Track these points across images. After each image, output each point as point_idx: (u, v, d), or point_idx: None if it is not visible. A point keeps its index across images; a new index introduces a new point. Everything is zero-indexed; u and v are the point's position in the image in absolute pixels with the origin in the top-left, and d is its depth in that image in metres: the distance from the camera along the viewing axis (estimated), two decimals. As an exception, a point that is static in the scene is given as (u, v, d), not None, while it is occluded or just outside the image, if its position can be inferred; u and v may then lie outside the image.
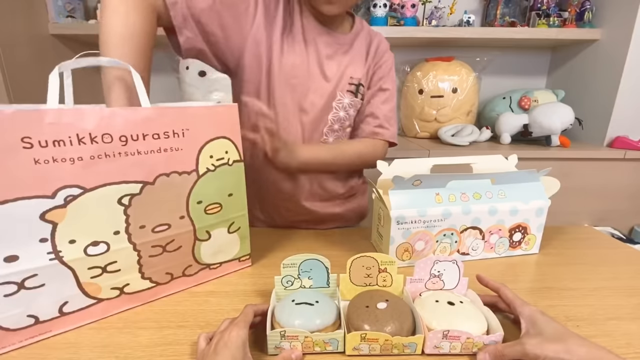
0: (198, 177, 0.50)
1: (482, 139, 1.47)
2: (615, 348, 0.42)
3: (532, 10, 1.48)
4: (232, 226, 0.57)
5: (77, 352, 0.41)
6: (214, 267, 0.57)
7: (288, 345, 0.40)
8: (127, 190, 0.44)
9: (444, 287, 0.48)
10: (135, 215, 0.46)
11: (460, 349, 0.40)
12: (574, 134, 1.46)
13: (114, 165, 0.42)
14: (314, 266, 0.47)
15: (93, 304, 0.46)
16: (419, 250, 0.61)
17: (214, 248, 0.55)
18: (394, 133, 0.78)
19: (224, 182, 0.53)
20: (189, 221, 0.51)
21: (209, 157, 0.50)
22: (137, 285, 0.49)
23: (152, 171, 0.46)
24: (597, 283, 0.57)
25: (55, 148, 0.38)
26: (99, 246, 0.44)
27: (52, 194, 0.39)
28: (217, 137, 0.50)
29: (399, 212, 0.58)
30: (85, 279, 0.44)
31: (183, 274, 0.53)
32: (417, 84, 1.50)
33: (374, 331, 0.39)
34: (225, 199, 0.54)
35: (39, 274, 0.41)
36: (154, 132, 0.44)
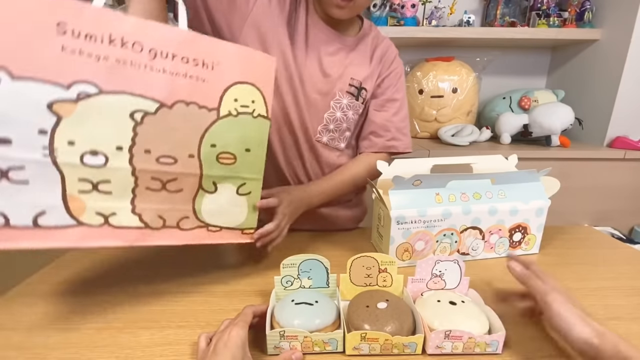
0: (217, 118, 0.47)
1: (482, 139, 1.47)
2: (616, 348, 0.42)
3: (532, 10, 1.48)
4: (242, 187, 0.52)
5: (77, 352, 0.41)
6: (212, 229, 0.51)
7: (287, 345, 0.40)
8: (142, 106, 0.42)
9: (446, 287, 0.48)
10: (143, 136, 0.42)
11: (462, 349, 0.40)
12: (574, 134, 1.46)
13: (137, 75, 0.41)
14: (314, 266, 0.47)
15: (71, 225, 0.41)
16: (419, 250, 0.61)
17: (217, 205, 0.50)
18: (408, 143, 0.78)
19: (243, 133, 0.49)
20: (197, 163, 0.47)
21: (233, 99, 0.47)
22: (124, 219, 0.44)
23: (172, 94, 0.43)
24: (597, 283, 0.57)
25: (86, 41, 0.38)
26: (98, 157, 0.41)
27: (67, 85, 0.38)
28: (246, 81, 0.48)
29: (399, 212, 0.58)
30: (72, 190, 0.40)
31: (177, 226, 0.48)
32: (417, 84, 1.50)
33: (374, 331, 0.39)
34: (241, 152, 0.50)
35: (26, 168, 0.38)
36: (184, 56, 0.43)
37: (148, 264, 0.62)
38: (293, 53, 0.66)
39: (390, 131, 0.75)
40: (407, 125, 0.79)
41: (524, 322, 0.47)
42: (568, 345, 0.37)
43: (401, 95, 0.77)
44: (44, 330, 0.45)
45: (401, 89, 0.77)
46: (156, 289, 0.54)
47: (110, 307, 0.50)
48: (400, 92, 0.77)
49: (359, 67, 0.71)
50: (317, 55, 0.68)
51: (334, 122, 0.71)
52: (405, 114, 0.78)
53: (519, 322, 0.47)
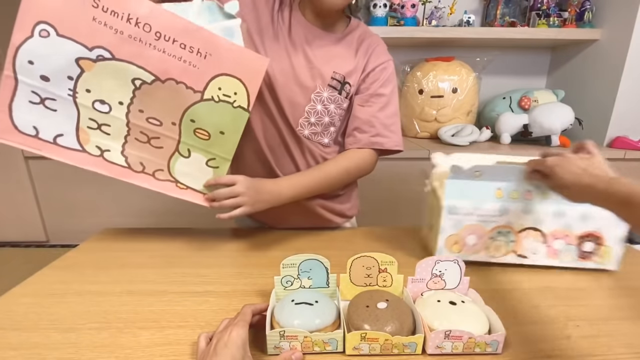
0: (200, 99, 0.56)
1: (482, 139, 1.47)
2: (615, 348, 0.42)
3: (532, 10, 1.49)
4: (211, 161, 0.61)
5: (77, 352, 0.41)
6: (180, 185, 0.62)
7: (287, 345, 0.40)
8: (142, 75, 0.53)
9: (446, 287, 0.48)
10: (139, 98, 0.55)
11: (462, 348, 0.40)
12: (574, 134, 1.47)
13: (142, 50, 0.51)
14: (314, 266, 0.47)
15: (78, 149, 0.56)
16: (470, 245, 0.58)
17: (188, 169, 0.61)
18: (397, 140, 0.74)
19: (220, 118, 0.57)
20: (177, 130, 0.58)
21: (217, 87, 0.55)
22: (114, 156, 0.58)
23: (166, 71, 0.53)
24: (596, 283, 0.57)
25: (110, 16, 0.49)
26: (104, 105, 0.55)
27: (91, 48, 0.50)
28: (233, 75, 0.55)
29: (452, 201, 0.56)
30: (83, 125, 0.55)
31: (152, 175, 0.60)
32: (417, 84, 1.50)
33: (374, 331, 0.39)
34: (215, 133, 0.59)
35: (57, 100, 0.53)
36: (183, 42, 0.52)
37: (148, 264, 0.62)
38: (276, 48, 0.67)
39: (375, 127, 0.72)
40: (396, 123, 0.75)
41: (524, 322, 0.47)
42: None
43: (388, 90, 0.73)
44: (44, 330, 0.45)
45: (388, 85, 0.73)
46: (156, 289, 0.54)
47: (110, 307, 0.50)
48: (387, 88, 0.73)
49: (342, 60, 0.70)
50: (302, 50, 0.68)
51: (315, 115, 0.70)
52: (393, 111, 0.74)
53: (519, 322, 0.47)
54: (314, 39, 0.69)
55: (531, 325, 0.46)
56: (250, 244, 0.70)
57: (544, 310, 0.50)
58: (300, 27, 0.69)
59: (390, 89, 0.74)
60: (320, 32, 0.70)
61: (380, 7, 1.44)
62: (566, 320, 0.47)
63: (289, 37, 0.68)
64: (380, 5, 1.44)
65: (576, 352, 0.42)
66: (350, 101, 0.73)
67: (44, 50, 0.50)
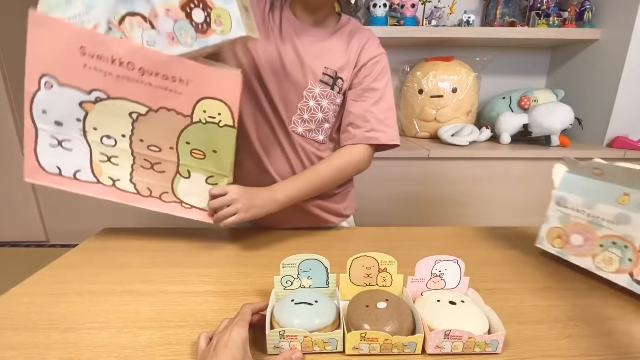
0: (191, 123, 0.59)
1: (482, 139, 1.47)
2: (615, 348, 0.42)
3: (532, 10, 1.49)
4: (210, 179, 0.64)
5: (77, 352, 0.41)
6: (185, 205, 0.65)
7: (287, 345, 0.40)
8: (137, 109, 0.57)
9: (446, 287, 0.48)
10: (139, 129, 0.59)
11: (462, 348, 0.40)
12: (574, 134, 1.47)
13: (132, 87, 0.55)
14: (314, 266, 0.47)
15: (94, 182, 0.63)
16: (574, 245, 0.54)
17: (190, 189, 0.64)
18: (392, 135, 0.73)
19: (211, 138, 0.60)
20: (175, 154, 0.62)
21: (203, 111, 0.58)
22: (124, 185, 0.63)
23: (157, 102, 0.57)
24: (597, 283, 0.57)
25: (98, 61, 0.54)
26: (111, 140, 0.60)
27: (88, 91, 0.56)
28: (213, 97, 0.57)
29: (562, 193, 0.54)
30: (96, 159, 0.62)
31: (160, 198, 0.65)
32: (417, 84, 1.50)
33: (374, 331, 0.39)
34: (209, 152, 0.61)
35: (71, 141, 0.60)
36: (165, 74, 0.55)
37: (148, 264, 0.62)
38: (267, 48, 0.67)
39: (369, 122, 0.71)
40: (391, 117, 0.74)
41: (524, 322, 0.47)
42: None
43: (382, 85, 0.72)
44: (44, 330, 0.45)
45: (382, 79, 0.72)
46: (156, 289, 0.54)
47: (110, 307, 0.50)
48: (380, 82, 0.72)
49: (333, 56, 0.70)
50: (293, 47, 0.68)
51: (308, 112, 0.70)
52: (387, 105, 0.73)
53: (519, 322, 0.47)
54: (304, 36, 0.69)
55: (531, 325, 0.46)
56: (250, 244, 0.70)
57: (544, 311, 0.50)
58: (290, 25, 0.69)
59: (384, 83, 0.73)
60: (310, 29, 0.70)
61: (380, 7, 1.44)
62: (566, 320, 0.47)
63: (280, 35, 0.69)
64: (380, 5, 1.44)
65: (576, 352, 0.42)
66: (344, 97, 0.72)
67: (52, 100, 0.56)
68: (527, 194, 1.36)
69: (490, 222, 1.37)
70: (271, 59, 0.68)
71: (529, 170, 1.33)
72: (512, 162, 1.33)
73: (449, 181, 1.35)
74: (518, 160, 1.33)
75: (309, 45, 0.69)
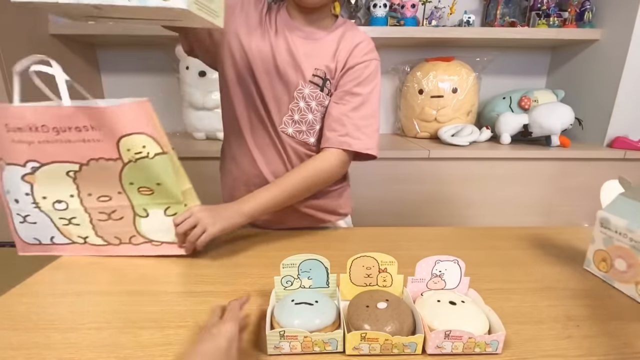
0: (124, 164, 0.57)
1: (482, 139, 1.47)
2: (615, 348, 0.42)
3: (532, 10, 1.48)
4: (168, 210, 0.62)
5: (77, 352, 0.41)
6: (155, 243, 0.64)
7: (287, 345, 0.40)
8: (70, 168, 0.57)
9: (446, 287, 0.48)
10: (82, 185, 0.59)
11: (462, 348, 0.40)
12: (574, 134, 1.46)
13: (55, 148, 0.55)
14: (314, 266, 0.47)
15: (69, 242, 0.63)
16: (618, 270, 0.52)
17: (153, 226, 0.62)
18: (368, 144, 0.70)
19: (148, 173, 0.57)
20: (125, 197, 0.60)
21: (126, 150, 0.55)
22: (94, 240, 0.63)
23: (83, 156, 0.56)
24: (597, 283, 0.57)
25: (20, 133, 0.54)
26: (62, 203, 0.59)
27: (23, 164, 0.56)
28: (130, 133, 0.54)
29: (606, 214, 0.53)
30: (59, 224, 0.61)
31: (129, 242, 0.63)
32: (417, 84, 1.50)
33: (374, 331, 0.39)
34: (154, 186, 0.59)
35: (31, 214, 0.60)
36: (76, 126, 0.53)
37: (148, 264, 0.62)
38: (261, 48, 0.68)
39: (345, 126, 0.68)
40: (371, 125, 0.71)
41: (524, 322, 0.47)
42: None
43: (366, 91, 0.69)
44: (44, 330, 0.45)
45: (366, 85, 0.70)
46: (156, 289, 0.54)
47: (110, 307, 0.50)
48: (364, 88, 0.69)
49: (324, 57, 0.69)
50: (286, 48, 0.68)
51: (298, 112, 0.70)
52: (368, 112, 0.70)
53: (519, 322, 0.47)
54: (297, 35, 0.69)
55: (531, 325, 0.46)
56: (250, 244, 0.70)
57: (544, 311, 0.50)
58: (285, 26, 0.69)
59: (368, 89, 0.70)
60: (304, 28, 0.70)
61: (380, 7, 1.44)
62: (566, 320, 0.47)
63: (275, 34, 0.69)
64: (380, 5, 1.44)
65: (576, 352, 0.42)
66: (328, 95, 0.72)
67: (7, 179, 0.58)
68: (527, 194, 1.36)
69: (490, 222, 1.37)
70: (264, 57, 0.68)
71: (529, 170, 1.33)
72: (512, 162, 1.33)
73: (449, 181, 1.34)
74: (518, 160, 1.33)
75: (301, 45, 0.69)
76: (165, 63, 1.53)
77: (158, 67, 1.60)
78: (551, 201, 1.37)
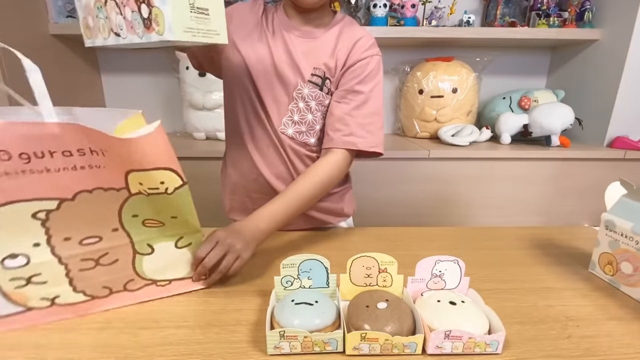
0: (129, 195, 0.45)
1: (482, 139, 1.47)
2: (616, 348, 0.42)
3: (532, 10, 1.49)
4: (180, 240, 0.52)
5: (77, 352, 0.41)
6: (161, 284, 0.52)
7: (287, 345, 0.40)
8: (41, 207, 0.42)
9: (446, 287, 0.48)
10: (57, 228, 0.43)
11: (462, 349, 0.40)
12: (574, 134, 1.47)
13: (19, 183, 0.39)
14: (314, 266, 0.47)
15: (22, 311, 0.45)
16: (624, 273, 0.52)
17: (160, 263, 0.51)
18: (373, 142, 0.69)
19: (161, 207, 0.48)
20: (123, 233, 0.47)
21: (138, 183, 0.45)
22: (69, 298, 0.47)
23: (68, 189, 0.42)
24: (597, 283, 0.57)
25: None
26: (18, 259, 0.43)
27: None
28: (146, 168, 0.44)
29: (611, 217, 0.53)
30: (8, 288, 0.44)
31: (124, 289, 0.50)
32: (417, 84, 1.50)
33: (374, 331, 0.39)
34: (167, 219, 0.49)
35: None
36: (64, 150, 0.40)
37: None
38: (258, 51, 0.68)
39: (348, 125, 0.67)
40: (375, 123, 0.69)
41: (524, 322, 0.47)
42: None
43: (368, 88, 0.68)
44: (44, 331, 0.45)
45: (368, 82, 0.68)
46: (156, 289, 0.54)
47: (110, 307, 0.50)
48: (366, 85, 0.68)
49: (322, 55, 0.68)
50: (285, 48, 0.68)
51: (298, 113, 0.69)
52: (372, 110, 0.69)
53: (519, 322, 0.47)
54: (294, 35, 0.69)
55: (531, 325, 0.46)
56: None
57: (544, 311, 0.50)
58: (282, 26, 0.69)
59: (370, 86, 0.69)
60: (301, 27, 0.69)
61: (380, 7, 1.44)
62: (566, 320, 0.47)
63: (272, 35, 0.69)
64: (380, 5, 1.44)
65: (576, 352, 0.42)
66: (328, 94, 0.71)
67: None
68: (527, 194, 1.36)
69: (490, 222, 1.37)
70: (262, 60, 0.68)
71: (529, 170, 1.33)
72: (512, 162, 1.33)
73: (449, 181, 1.35)
74: (518, 160, 1.33)
75: (298, 45, 0.68)
76: (165, 63, 1.53)
77: (158, 67, 1.60)
78: (551, 201, 1.37)
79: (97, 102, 1.62)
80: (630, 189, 0.54)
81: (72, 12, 1.40)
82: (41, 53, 1.27)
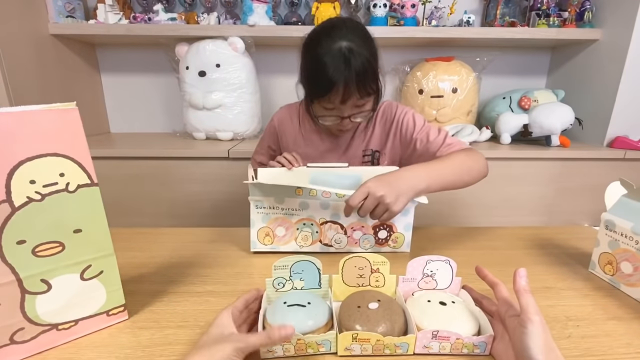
0: (13, 210, 0.36)
1: (482, 139, 1.47)
2: (615, 348, 0.43)
3: (532, 10, 1.48)
4: (87, 271, 0.42)
5: (77, 352, 0.42)
6: (64, 327, 0.43)
7: (280, 348, 0.40)
8: None
9: (437, 287, 0.48)
10: None
11: (449, 349, 0.41)
12: (574, 134, 1.46)
13: None
14: (306, 267, 0.47)
15: None
16: (624, 273, 0.54)
17: (60, 302, 0.41)
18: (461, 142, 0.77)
19: (61, 215, 0.39)
20: (6, 269, 0.37)
21: (28, 182, 0.36)
22: None
23: None
24: (597, 283, 0.57)
25: None
26: None
27: None
28: (41, 154, 0.36)
29: (611, 217, 0.54)
30: None
31: (12, 341, 0.39)
32: (417, 84, 1.50)
33: (365, 331, 0.40)
34: (68, 236, 0.40)
35: None
36: None
37: (148, 264, 0.62)
38: (309, 154, 0.81)
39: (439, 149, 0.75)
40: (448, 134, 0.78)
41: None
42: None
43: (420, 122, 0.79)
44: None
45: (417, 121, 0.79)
46: (156, 289, 0.55)
47: (109, 307, 0.50)
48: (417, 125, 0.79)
49: (374, 140, 0.81)
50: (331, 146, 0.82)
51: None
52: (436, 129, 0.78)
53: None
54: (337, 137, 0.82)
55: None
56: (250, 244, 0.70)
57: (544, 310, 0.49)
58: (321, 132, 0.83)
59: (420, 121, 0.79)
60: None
61: (380, 7, 1.44)
62: (566, 320, 0.48)
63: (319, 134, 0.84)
64: (380, 5, 1.44)
65: (576, 352, 0.42)
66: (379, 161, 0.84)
67: None
68: (527, 194, 1.36)
69: (489, 222, 1.37)
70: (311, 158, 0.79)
71: (529, 170, 1.33)
72: (512, 162, 1.33)
73: (449, 181, 1.34)
74: (518, 160, 1.33)
75: (345, 138, 0.81)
76: (165, 63, 1.54)
77: (158, 67, 1.60)
78: (551, 201, 1.37)
79: (97, 102, 1.63)
80: (630, 188, 0.55)
81: (72, 12, 1.41)
82: (41, 53, 1.28)
